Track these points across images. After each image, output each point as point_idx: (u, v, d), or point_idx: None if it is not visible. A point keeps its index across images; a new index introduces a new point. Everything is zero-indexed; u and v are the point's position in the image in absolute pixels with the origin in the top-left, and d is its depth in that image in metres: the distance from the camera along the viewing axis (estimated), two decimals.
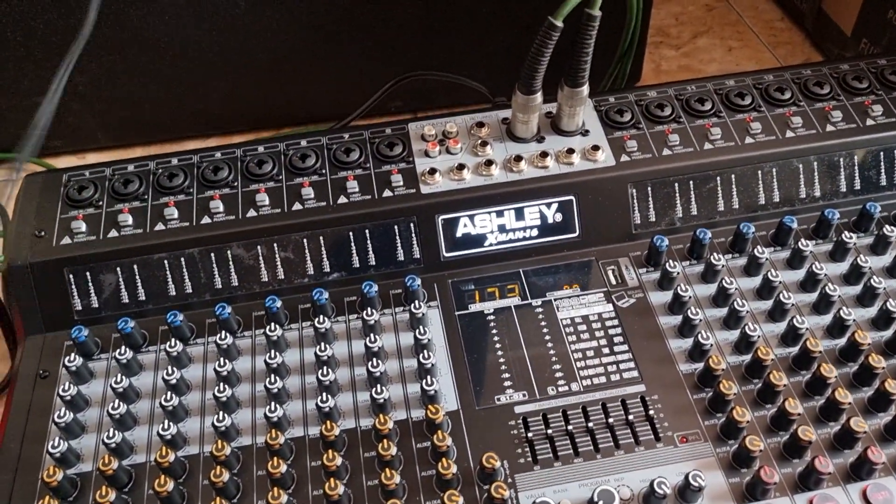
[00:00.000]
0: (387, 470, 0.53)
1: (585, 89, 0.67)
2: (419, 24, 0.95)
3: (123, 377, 0.59)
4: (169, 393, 0.58)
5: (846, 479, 0.54)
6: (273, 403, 0.57)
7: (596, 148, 0.68)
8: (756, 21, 1.20)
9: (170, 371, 0.59)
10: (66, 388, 0.59)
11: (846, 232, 0.66)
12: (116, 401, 0.58)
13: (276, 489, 0.52)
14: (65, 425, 0.57)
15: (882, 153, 0.70)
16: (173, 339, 0.61)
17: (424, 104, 1.02)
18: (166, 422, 0.56)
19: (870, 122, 0.71)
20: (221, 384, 0.58)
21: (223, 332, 0.61)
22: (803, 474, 0.54)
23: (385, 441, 0.55)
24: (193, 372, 0.62)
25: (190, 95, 0.97)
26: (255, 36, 0.93)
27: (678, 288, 0.63)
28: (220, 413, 0.57)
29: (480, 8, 0.92)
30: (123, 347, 0.61)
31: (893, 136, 0.70)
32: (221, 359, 0.60)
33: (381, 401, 0.57)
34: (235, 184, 0.68)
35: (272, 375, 0.59)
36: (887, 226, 0.67)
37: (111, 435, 0.55)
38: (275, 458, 0.54)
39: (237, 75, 0.96)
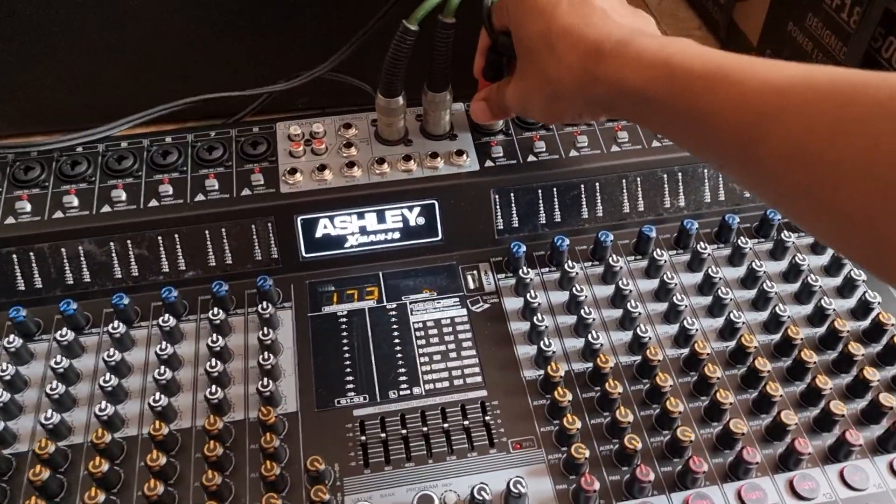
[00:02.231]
0: (209, 471, 0.53)
1: (446, 94, 0.67)
2: (319, 24, 0.95)
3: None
4: (56, 382, 0.58)
5: (671, 488, 0.55)
6: (104, 402, 0.56)
7: (461, 153, 0.68)
8: (675, 29, 1.21)
9: (60, 360, 0.58)
10: None
11: (702, 242, 0.67)
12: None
13: (93, 489, 0.52)
14: None
15: None
16: (13, 335, 0.60)
17: (332, 102, 1.01)
18: (49, 411, 0.56)
19: None
20: (55, 382, 0.58)
21: (65, 328, 0.61)
22: (629, 482, 0.55)
23: (212, 442, 0.54)
24: (34, 368, 0.61)
25: (87, 85, 0.96)
26: (152, 29, 0.92)
27: (528, 294, 0.63)
28: (49, 411, 0.56)
29: (375, 12, 0.92)
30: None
31: None
32: (59, 356, 0.59)
33: (216, 401, 0.57)
34: (93, 178, 0.67)
35: (108, 374, 0.58)
36: (742, 237, 0.67)
37: None
38: (97, 458, 0.53)
39: (135, 67, 0.95)
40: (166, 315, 0.61)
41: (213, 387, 0.57)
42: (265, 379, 0.58)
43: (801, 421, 0.58)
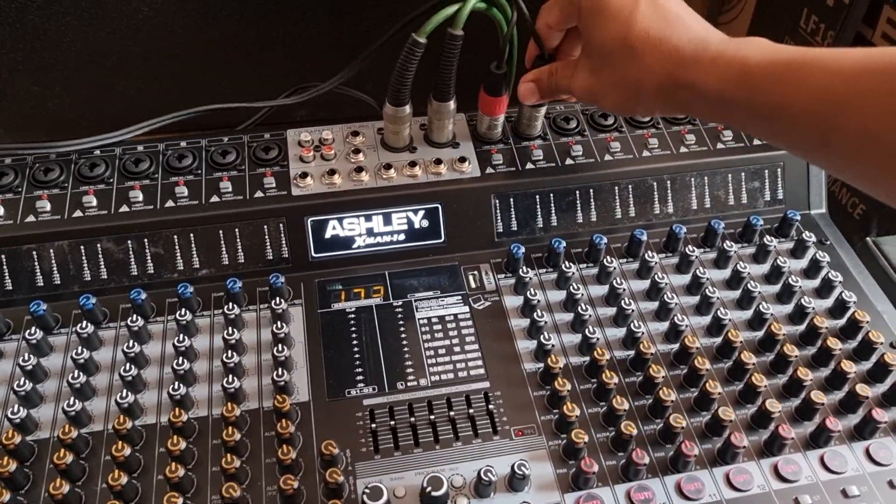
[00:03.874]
0: (228, 455, 0.55)
1: (451, 104, 0.70)
2: (326, 39, 0.98)
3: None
4: (23, 379, 0.59)
5: (664, 471, 0.58)
6: (125, 391, 0.59)
7: (463, 160, 0.72)
8: None
9: (26, 358, 0.60)
10: None
11: (690, 246, 0.71)
12: None
13: (117, 472, 0.54)
14: None
15: (731, 174, 0.75)
16: (34, 328, 0.62)
17: (330, 115, 1.05)
18: (16, 406, 0.58)
19: (720, 145, 0.76)
20: (75, 372, 0.60)
21: (85, 321, 0.63)
22: (624, 466, 0.58)
23: (230, 428, 0.57)
24: (54, 360, 0.63)
25: (93, 95, 0.99)
26: (160, 41, 0.95)
27: (528, 293, 0.67)
28: (71, 399, 0.58)
29: (382, 26, 0.96)
30: None
31: (740, 160, 0.75)
32: (80, 347, 0.61)
33: (232, 390, 0.60)
34: (111, 180, 0.70)
35: (128, 364, 0.60)
36: (727, 241, 0.72)
37: None
38: (119, 443, 0.56)
39: (141, 78, 0.98)
40: (182, 310, 0.64)
41: (230, 377, 0.60)
42: (279, 369, 0.61)
43: (783, 410, 0.62)
